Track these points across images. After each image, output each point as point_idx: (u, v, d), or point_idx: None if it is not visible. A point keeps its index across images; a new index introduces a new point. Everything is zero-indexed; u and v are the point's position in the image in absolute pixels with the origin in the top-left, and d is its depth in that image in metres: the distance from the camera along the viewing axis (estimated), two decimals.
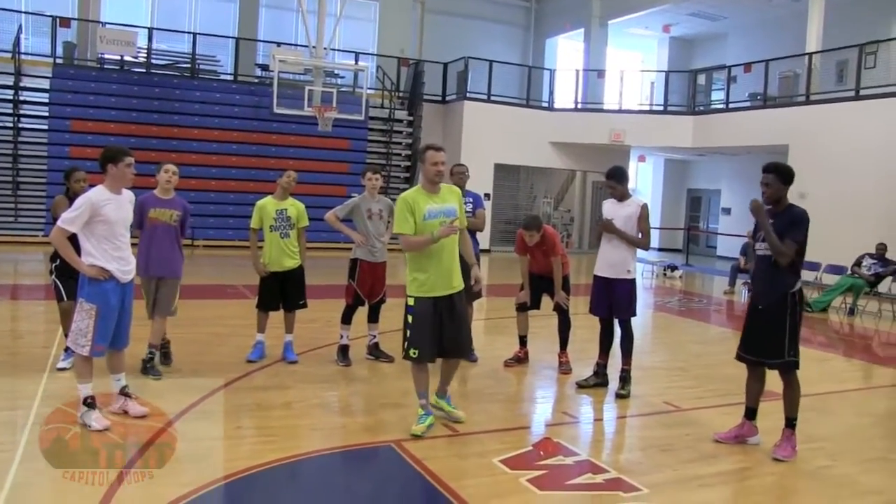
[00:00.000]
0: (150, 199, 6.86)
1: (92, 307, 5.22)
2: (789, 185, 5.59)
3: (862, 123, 16.99)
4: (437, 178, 5.53)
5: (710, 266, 23.53)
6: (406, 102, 23.47)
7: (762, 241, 5.57)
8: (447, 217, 5.48)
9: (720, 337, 11.41)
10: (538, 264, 7.76)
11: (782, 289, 5.46)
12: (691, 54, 28.18)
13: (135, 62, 21.04)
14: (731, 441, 5.74)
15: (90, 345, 5.23)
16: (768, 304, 5.53)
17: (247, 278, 11.91)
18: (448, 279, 5.54)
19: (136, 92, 19.98)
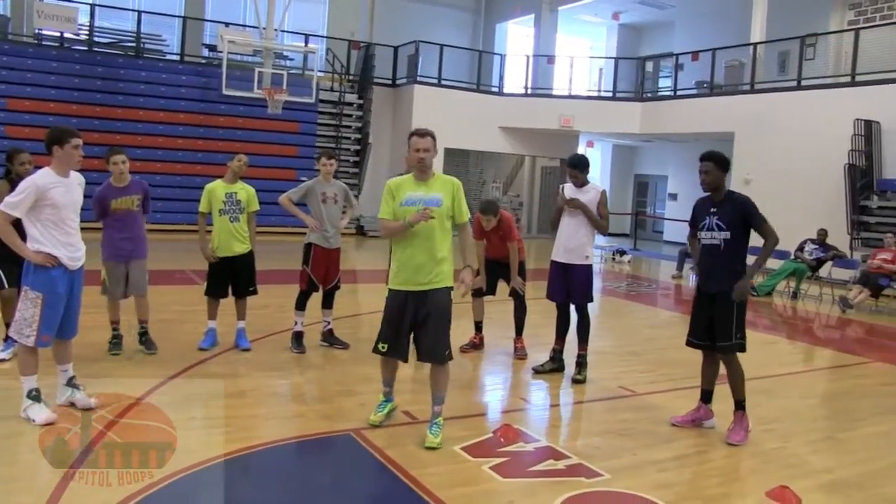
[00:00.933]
0: (109, 190, 6.80)
1: (38, 295, 5.03)
2: (727, 171, 5.72)
3: (803, 113, 17.34)
4: (418, 165, 5.23)
5: (657, 251, 23.83)
6: (356, 86, 23.25)
7: (707, 231, 5.64)
8: (427, 206, 5.14)
9: (670, 321, 11.56)
10: (494, 249, 7.75)
11: (728, 275, 5.55)
12: (639, 42, 28.46)
13: (76, 39, 20.41)
14: (688, 425, 5.83)
15: (35, 335, 5.03)
16: (715, 291, 5.61)
17: (195, 263, 11.67)
18: (419, 274, 5.17)
19: (78, 70, 19.37)
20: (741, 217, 5.54)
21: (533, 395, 6.84)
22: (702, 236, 5.73)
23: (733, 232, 5.54)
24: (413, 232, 5.14)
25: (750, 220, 5.52)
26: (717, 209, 5.63)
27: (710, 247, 5.66)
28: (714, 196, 5.70)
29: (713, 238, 5.62)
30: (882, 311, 12.92)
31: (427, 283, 5.18)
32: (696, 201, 5.93)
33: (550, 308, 7.23)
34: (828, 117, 16.58)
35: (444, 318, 5.21)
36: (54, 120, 17.56)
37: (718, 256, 5.61)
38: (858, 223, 15.54)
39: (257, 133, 20.76)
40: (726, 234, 5.55)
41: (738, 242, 5.57)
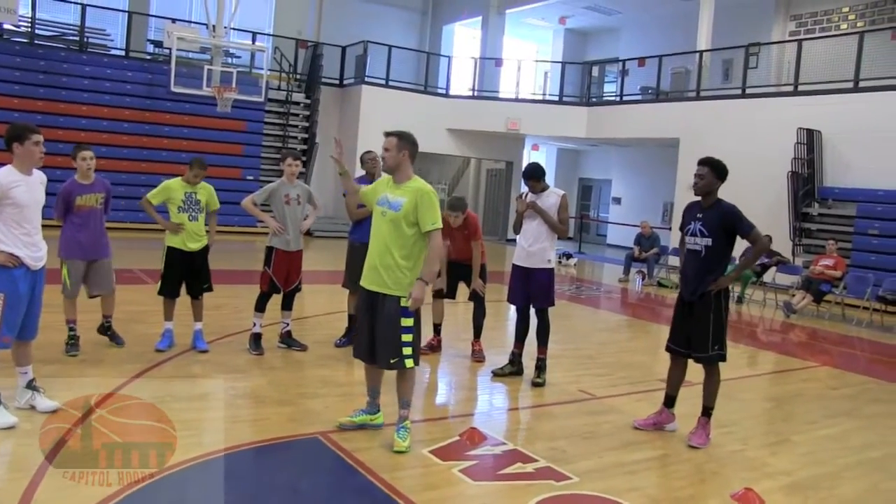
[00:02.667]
0: (75, 186, 6.77)
1: (0, 295, 4.92)
2: (722, 180, 5.76)
3: (748, 120, 17.74)
4: (371, 169, 5.24)
5: (601, 254, 24.13)
6: (304, 85, 23.07)
7: (691, 235, 5.73)
8: (389, 209, 5.08)
9: (621, 325, 11.72)
10: (457, 249, 7.77)
11: (707, 284, 5.62)
12: (586, 47, 28.80)
13: (16, 31, 19.87)
14: (650, 427, 5.92)
15: None
16: (695, 298, 5.69)
17: (143, 262, 11.52)
18: (371, 273, 5.14)
19: (19, 63, 18.83)
20: (725, 225, 5.60)
21: (495, 399, 6.88)
22: (686, 241, 5.83)
23: (715, 239, 5.61)
24: (376, 231, 5.18)
25: (737, 229, 5.59)
26: (702, 214, 5.70)
27: (693, 252, 5.74)
28: (703, 202, 5.77)
29: (696, 244, 5.70)
30: (824, 316, 13.30)
31: (378, 286, 5.11)
32: (686, 205, 6.00)
33: (506, 310, 7.28)
34: (771, 125, 17.00)
35: (391, 325, 5.06)
36: None
37: (698, 262, 5.69)
38: (801, 230, 15.96)
39: (203, 131, 20.45)
40: (708, 241, 5.62)
41: (719, 250, 5.63)
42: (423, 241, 5.12)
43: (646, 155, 24.72)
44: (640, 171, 25.56)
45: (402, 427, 5.18)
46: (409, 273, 5.08)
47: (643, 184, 25.29)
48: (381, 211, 5.15)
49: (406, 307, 5.06)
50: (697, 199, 5.85)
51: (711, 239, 5.62)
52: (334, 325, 8.50)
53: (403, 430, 5.17)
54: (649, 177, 24.79)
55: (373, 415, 5.46)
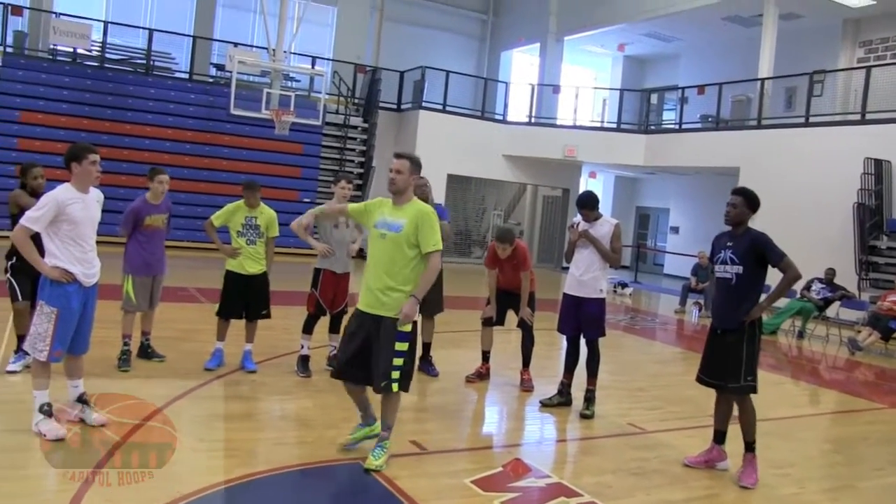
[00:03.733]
0: (145, 206, 7.12)
1: (53, 310, 5.00)
2: (754, 211, 5.65)
3: (811, 149, 17.33)
4: (390, 186, 5.12)
5: (657, 284, 23.79)
6: (361, 109, 23.31)
7: (721, 263, 5.60)
8: (388, 231, 5.03)
9: (675, 357, 11.50)
10: (506, 278, 7.70)
11: (740, 314, 5.49)
12: (644, 73, 28.57)
13: (88, 55, 20.54)
14: (701, 466, 5.74)
15: (48, 349, 5.00)
16: (727, 328, 5.56)
17: (198, 281, 11.67)
18: (370, 296, 5.06)
19: (89, 86, 19.45)
20: (755, 252, 5.47)
21: (542, 430, 6.77)
22: (716, 269, 5.71)
23: (746, 266, 5.48)
24: (375, 253, 5.10)
25: (767, 256, 5.46)
26: (732, 243, 5.60)
27: (723, 280, 5.62)
28: (734, 231, 5.67)
29: (725, 271, 5.57)
30: (892, 354, 12.79)
31: (378, 307, 5.04)
32: (715, 236, 5.89)
33: (557, 340, 7.17)
34: (836, 155, 16.56)
35: (388, 348, 4.98)
36: (65, 134, 17.63)
37: (730, 291, 5.56)
38: (867, 263, 15.49)
39: (262, 153, 20.78)
40: (738, 269, 5.50)
41: (750, 278, 5.50)
42: (424, 264, 5.09)
43: (704, 184, 24.34)
44: (699, 201, 25.17)
45: (380, 445, 5.15)
46: (406, 296, 5.05)
47: (702, 213, 24.88)
48: (381, 233, 5.08)
49: (404, 331, 5.01)
50: (726, 230, 5.77)
51: (742, 266, 5.49)
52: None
53: (380, 448, 5.13)
54: (708, 206, 24.33)
55: (371, 426, 5.38)
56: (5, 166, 17.22)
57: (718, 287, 5.73)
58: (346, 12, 25.30)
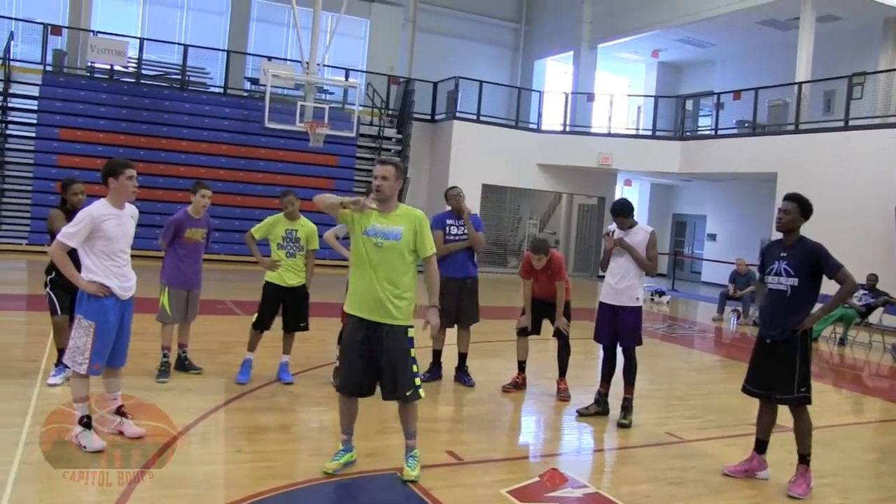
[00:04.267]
0: (186, 219, 7.24)
1: (91, 324, 5.07)
2: (807, 218, 5.53)
3: (851, 154, 17.07)
4: (375, 193, 5.02)
5: (695, 292, 23.55)
6: (395, 120, 23.41)
7: (775, 275, 5.50)
8: (385, 239, 4.94)
9: (714, 365, 11.37)
10: (541, 288, 7.67)
11: (793, 324, 5.39)
12: (679, 80, 28.37)
13: (125, 72, 20.90)
14: (741, 475, 5.65)
15: (87, 363, 5.06)
16: (777, 338, 5.46)
17: (235, 294, 11.76)
18: (376, 307, 4.96)
19: (126, 102, 19.80)
20: (811, 264, 5.37)
21: (579, 439, 6.72)
22: (769, 281, 5.58)
23: (801, 279, 5.38)
24: (372, 262, 4.97)
25: (823, 268, 5.35)
26: (786, 253, 5.49)
27: (777, 292, 5.50)
28: (786, 240, 5.56)
29: (780, 284, 5.47)
30: None
31: (385, 316, 4.97)
32: (765, 246, 5.80)
33: (594, 349, 7.11)
34: (877, 158, 16.32)
35: (403, 356, 5.00)
36: (103, 150, 17.90)
37: (783, 302, 5.46)
38: None
39: (297, 166, 20.96)
40: (794, 281, 5.40)
41: (806, 290, 5.40)
42: (416, 268, 5.11)
43: (742, 190, 24.10)
44: (736, 207, 24.92)
45: (412, 456, 5.15)
46: (410, 301, 5.06)
47: (739, 220, 24.64)
48: (375, 241, 4.96)
49: (412, 337, 5.04)
50: (775, 238, 5.65)
51: (798, 279, 5.39)
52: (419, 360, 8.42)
53: (413, 458, 5.14)
54: (745, 213, 24.15)
55: (351, 452, 5.26)
56: (46, 182, 17.55)
57: (770, 297, 5.60)
58: (378, 24, 25.45)
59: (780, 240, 5.64)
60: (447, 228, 7.78)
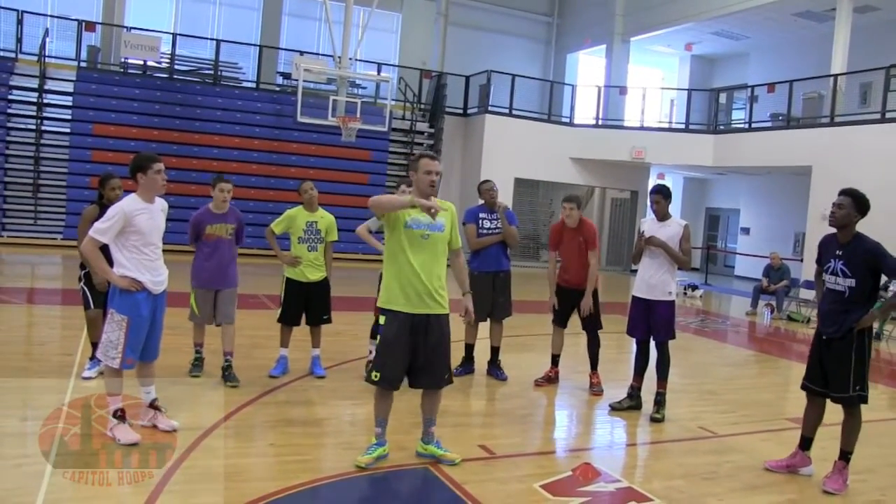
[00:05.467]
0: (206, 215, 6.96)
1: (123, 318, 5.13)
2: (863, 214, 5.36)
3: (888, 146, 16.81)
4: (429, 189, 5.07)
5: (728, 286, 23.34)
6: (427, 115, 23.42)
7: (832, 275, 5.39)
8: (431, 231, 5.02)
9: (747, 360, 11.25)
10: (572, 265, 7.54)
11: (850, 322, 5.29)
12: (712, 73, 28.11)
13: (158, 67, 21.10)
14: (782, 470, 5.60)
15: (120, 357, 5.12)
16: (833, 336, 5.37)
17: (267, 288, 11.83)
18: (422, 297, 5.00)
19: (159, 97, 20.00)
20: (868, 264, 5.26)
21: (612, 433, 6.69)
22: (826, 279, 5.48)
23: (858, 279, 5.27)
24: (416, 254, 4.99)
25: (883, 269, 5.24)
26: (842, 252, 5.35)
27: (834, 292, 5.39)
28: (840, 236, 5.42)
29: (837, 284, 5.35)
30: None
31: (433, 307, 5.04)
32: (822, 239, 5.65)
33: (627, 343, 7.07)
34: None
35: (447, 343, 5.18)
36: (136, 145, 18.08)
37: (841, 300, 5.35)
38: None
39: (329, 160, 21.03)
40: (851, 282, 5.28)
41: (863, 289, 5.29)
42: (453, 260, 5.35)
43: (776, 183, 23.84)
44: (770, 201, 24.65)
45: (438, 443, 5.32)
46: (447, 291, 5.17)
47: (773, 213, 24.37)
48: (421, 234, 5.01)
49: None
50: (833, 231, 5.50)
51: (855, 280, 5.26)
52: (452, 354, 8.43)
53: (440, 445, 5.30)
54: (779, 206, 23.89)
55: (384, 446, 5.26)
56: (80, 178, 17.80)
57: (828, 296, 5.48)
58: (410, 18, 25.46)
59: (835, 234, 5.50)
60: (480, 222, 7.77)
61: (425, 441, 5.33)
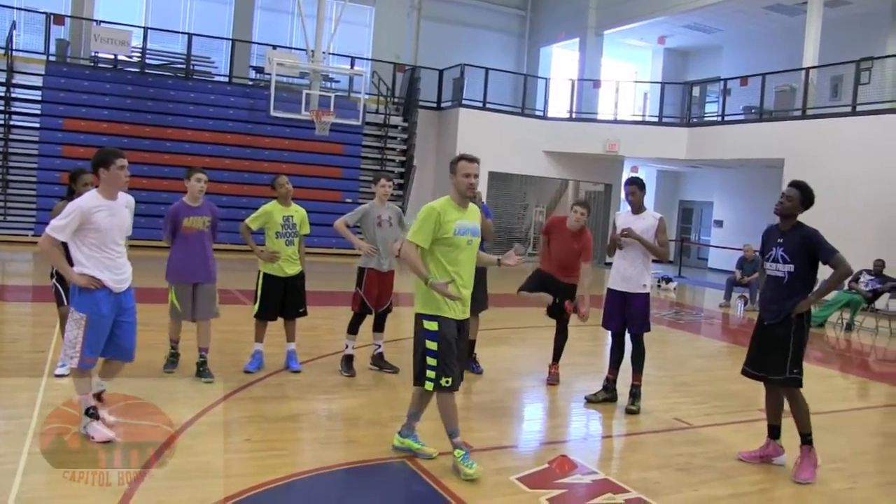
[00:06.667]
0: (182, 208, 6.90)
1: (82, 316, 4.98)
2: (806, 207, 5.53)
3: (859, 139, 16.97)
4: (469, 191, 5.03)
5: (702, 278, 23.50)
6: (401, 108, 23.35)
7: (773, 262, 5.51)
8: (473, 236, 5.05)
9: (720, 351, 11.36)
10: (558, 261, 7.50)
11: (789, 308, 5.40)
12: (685, 66, 28.26)
13: (129, 62, 20.84)
14: (755, 460, 5.68)
15: (79, 356, 4.99)
16: (773, 321, 5.48)
17: (241, 283, 11.75)
18: (464, 302, 5.05)
19: (130, 92, 19.75)
20: (806, 250, 5.38)
21: (587, 426, 6.72)
22: (767, 266, 5.61)
23: (797, 265, 5.39)
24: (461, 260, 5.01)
25: (818, 254, 5.36)
26: (783, 239, 5.49)
27: (774, 278, 5.53)
28: (782, 225, 5.57)
29: (777, 270, 5.48)
30: None
31: (466, 312, 5.14)
32: (766, 229, 5.79)
33: (602, 335, 7.10)
34: (884, 143, 16.22)
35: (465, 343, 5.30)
36: (107, 140, 17.85)
37: (781, 288, 5.47)
38: None
39: (302, 154, 20.92)
40: (790, 267, 5.41)
41: (802, 275, 5.41)
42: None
43: (749, 176, 24.01)
44: (743, 193, 24.82)
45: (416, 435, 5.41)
46: None
47: (746, 206, 24.53)
48: (467, 239, 5.03)
49: None
50: (776, 223, 5.65)
51: (794, 265, 5.40)
52: None
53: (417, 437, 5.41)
54: (752, 199, 24.04)
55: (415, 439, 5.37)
56: (50, 173, 17.57)
57: (768, 283, 5.62)
58: (383, 12, 25.36)
59: (777, 224, 5.64)
60: None
61: (404, 434, 5.33)
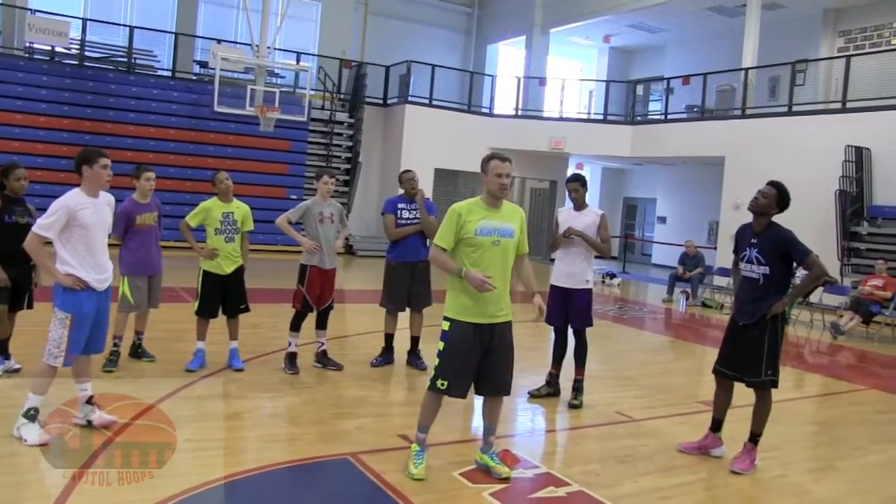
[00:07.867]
0: (134, 205, 7.11)
1: (66, 316, 4.99)
2: (781, 210, 5.55)
3: (794, 138, 17.40)
4: (500, 192, 4.89)
5: (645, 274, 23.85)
6: (347, 104, 23.24)
7: (747, 262, 5.57)
8: (502, 237, 4.85)
9: (663, 346, 11.53)
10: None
11: (764, 309, 5.46)
12: (630, 65, 28.63)
13: (67, 53, 20.34)
14: (694, 452, 5.77)
15: (63, 356, 5.00)
16: (749, 323, 5.53)
17: (183, 280, 11.59)
18: (490, 306, 4.85)
19: (69, 85, 19.30)
20: (780, 252, 5.43)
21: (531, 420, 6.78)
22: (742, 267, 5.65)
23: (772, 266, 5.44)
24: (486, 262, 4.84)
25: (793, 255, 5.42)
26: (757, 240, 5.52)
27: (749, 279, 5.57)
28: (755, 224, 5.59)
29: (752, 271, 5.53)
30: (873, 337, 12.93)
31: (497, 315, 4.91)
32: (738, 228, 5.82)
33: (545, 331, 7.17)
34: (818, 143, 16.65)
35: (512, 350, 5.03)
36: (45, 134, 17.52)
37: (756, 290, 5.52)
38: (849, 249, 15.59)
39: (248, 150, 20.69)
40: (765, 269, 5.46)
41: (777, 277, 5.47)
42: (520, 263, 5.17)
43: (691, 174, 24.43)
44: (686, 190, 25.26)
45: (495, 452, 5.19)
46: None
47: (688, 203, 24.98)
48: (493, 240, 4.86)
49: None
50: (748, 221, 5.69)
51: (768, 267, 5.45)
52: (371, 344, 8.45)
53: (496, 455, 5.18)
54: (694, 196, 24.49)
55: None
56: None
57: (743, 285, 5.67)
58: (330, 7, 25.22)
59: (750, 223, 5.67)
60: (399, 213, 7.78)
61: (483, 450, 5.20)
